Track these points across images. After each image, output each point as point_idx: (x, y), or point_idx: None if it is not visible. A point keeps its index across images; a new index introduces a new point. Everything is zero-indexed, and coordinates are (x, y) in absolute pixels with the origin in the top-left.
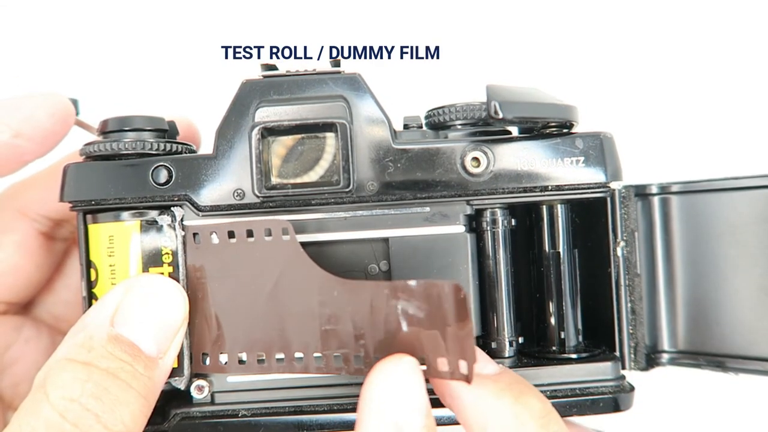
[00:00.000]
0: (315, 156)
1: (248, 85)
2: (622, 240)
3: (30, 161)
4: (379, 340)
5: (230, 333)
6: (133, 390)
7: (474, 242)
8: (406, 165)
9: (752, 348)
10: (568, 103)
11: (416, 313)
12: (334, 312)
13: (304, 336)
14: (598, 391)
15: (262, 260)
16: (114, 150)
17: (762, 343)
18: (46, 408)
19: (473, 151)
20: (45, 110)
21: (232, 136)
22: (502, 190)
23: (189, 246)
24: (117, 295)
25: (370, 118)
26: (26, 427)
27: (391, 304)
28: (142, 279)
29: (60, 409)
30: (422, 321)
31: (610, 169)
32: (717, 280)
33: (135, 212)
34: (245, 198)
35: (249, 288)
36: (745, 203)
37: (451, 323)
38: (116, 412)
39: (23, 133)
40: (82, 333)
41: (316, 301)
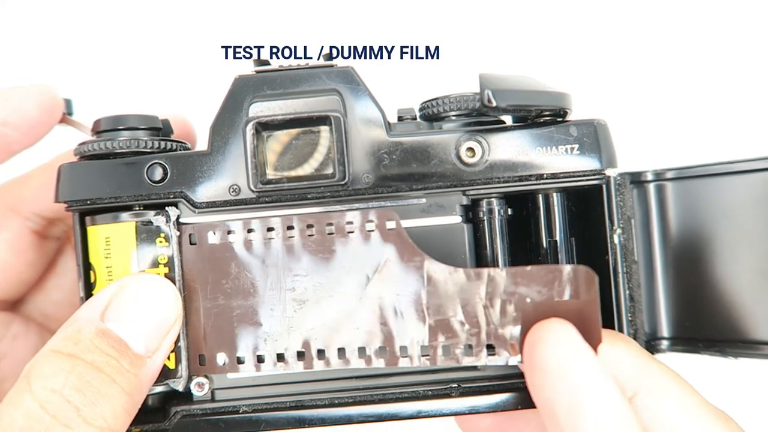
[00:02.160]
0: (310, 150)
1: (241, 80)
2: (618, 227)
3: (17, 151)
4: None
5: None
6: (116, 385)
7: (471, 232)
8: (401, 157)
9: (750, 332)
10: (561, 90)
11: (536, 297)
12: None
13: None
14: None
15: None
16: (108, 149)
17: (760, 326)
18: (28, 398)
19: (468, 141)
20: (33, 100)
21: (227, 131)
22: (497, 180)
23: (185, 246)
24: (109, 292)
25: (364, 111)
26: (6, 417)
27: (510, 290)
28: (136, 278)
29: (41, 399)
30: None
31: (604, 156)
32: (714, 264)
33: (131, 213)
34: (241, 193)
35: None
36: (741, 187)
37: (577, 304)
38: (97, 406)
39: (10, 122)
40: (72, 326)
41: (412, 290)
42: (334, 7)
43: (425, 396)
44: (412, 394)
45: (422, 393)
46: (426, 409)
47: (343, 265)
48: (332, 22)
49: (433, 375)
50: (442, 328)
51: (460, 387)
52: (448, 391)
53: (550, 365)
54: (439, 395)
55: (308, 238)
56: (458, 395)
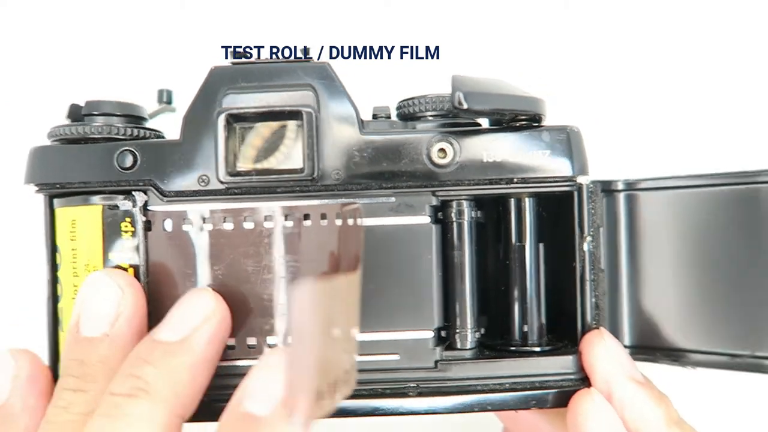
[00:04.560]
0: (280, 144)
1: (217, 71)
2: (588, 235)
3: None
4: None
5: None
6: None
7: (440, 233)
8: (371, 155)
9: (708, 342)
10: (535, 95)
11: None
12: None
13: None
14: (558, 384)
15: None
16: (81, 133)
17: (715, 337)
18: None
19: (440, 142)
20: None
21: (199, 122)
22: (468, 182)
23: (153, 232)
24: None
25: (338, 108)
26: None
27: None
28: (88, 280)
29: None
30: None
31: (576, 163)
32: (677, 276)
33: (98, 197)
34: (210, 184)
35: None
36: (709, 201)
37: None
38: None
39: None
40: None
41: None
42: (334, 7)
43: (383, 394)
44: (370, 391)
45: (380, 391)
46: (383, 407)
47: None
48: (332, 22)
49: (392, 374)
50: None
51: (419, 387)
52: (405, 390)
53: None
54: (396, 394)
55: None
56: (416, 395)
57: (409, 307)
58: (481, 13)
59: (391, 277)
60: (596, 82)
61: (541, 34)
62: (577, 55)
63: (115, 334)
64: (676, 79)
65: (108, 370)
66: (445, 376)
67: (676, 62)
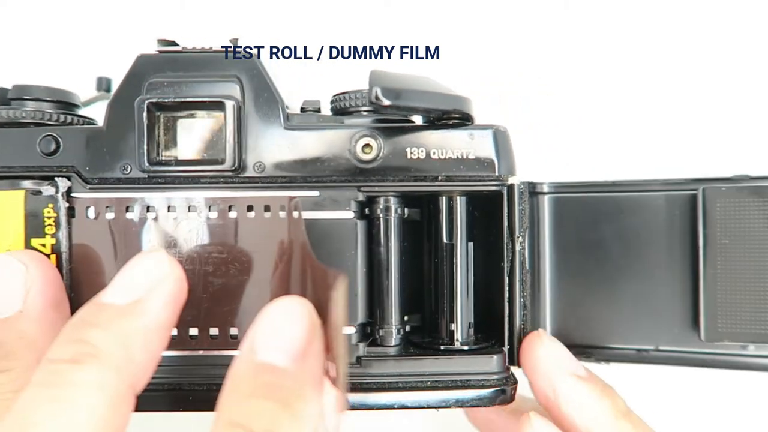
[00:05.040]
0: (202, 134)
1: (143, 59)
2: (520, 235)
3: None
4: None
5: None
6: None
7: (365, 229)
8: (294, 148)
9: (613, 339)
10: (461, 94)
11: None
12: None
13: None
14: (480, 384)
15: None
16: (9, 118)
17: (621, 333)
18: None
19: (364, 138)
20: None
21: (122, 109)
22: (393, 178)
23: (75, 219)
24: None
25: (263, 100)
26: None
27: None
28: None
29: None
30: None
31: (503, 163)
32: (594, 278)
33: (23, 182)
34: (132, 173)
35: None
36: (634, 206)
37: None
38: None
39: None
40: None
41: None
42: (334, 6)
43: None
44: None
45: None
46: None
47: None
48: (332, 22)
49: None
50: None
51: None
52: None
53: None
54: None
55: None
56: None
57: None
58: (481, 12)
59: None
60: (596, 82)
61: (541, 34)
62: (576, 55)
63: (28, 308)
64: (676, 79)
65: (30, 343)
66: (366, 372)
67: (676, 62)
